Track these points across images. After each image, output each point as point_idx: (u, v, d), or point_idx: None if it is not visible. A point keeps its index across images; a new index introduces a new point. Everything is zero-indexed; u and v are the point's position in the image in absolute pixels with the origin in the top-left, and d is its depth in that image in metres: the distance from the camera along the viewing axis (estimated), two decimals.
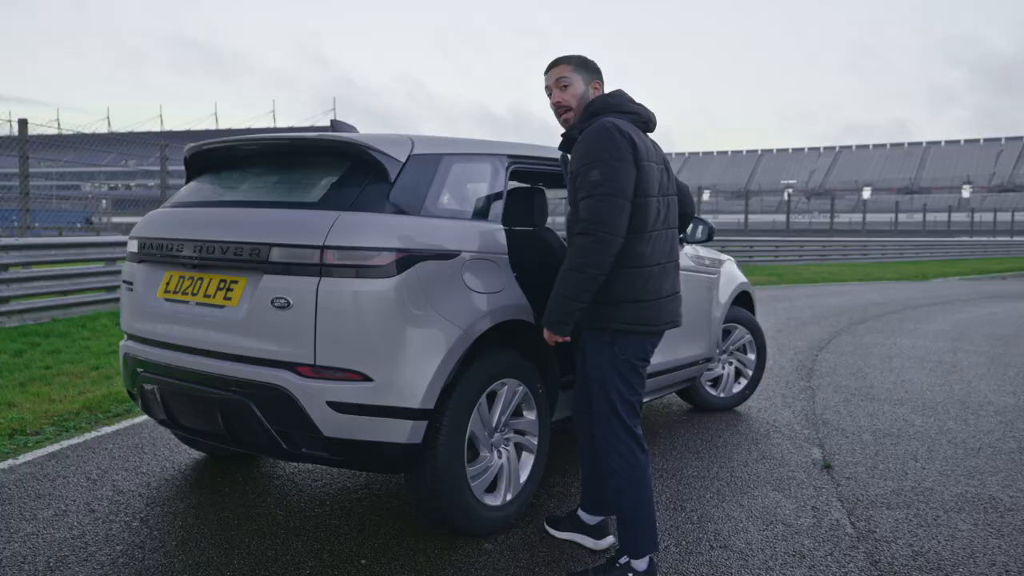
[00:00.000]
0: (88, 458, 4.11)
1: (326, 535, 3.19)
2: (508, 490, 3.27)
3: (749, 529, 3.31)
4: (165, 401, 3.22)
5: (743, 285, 5.39)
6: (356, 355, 2.79)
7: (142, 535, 3.17)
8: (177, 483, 3.77)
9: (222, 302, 2.99)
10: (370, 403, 2.81)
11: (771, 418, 5.13)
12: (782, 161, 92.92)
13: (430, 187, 3.13)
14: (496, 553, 3.05)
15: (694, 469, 4.08)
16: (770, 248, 23.53)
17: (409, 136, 3.21)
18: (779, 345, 8.04)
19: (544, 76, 2.91)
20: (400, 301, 2.83)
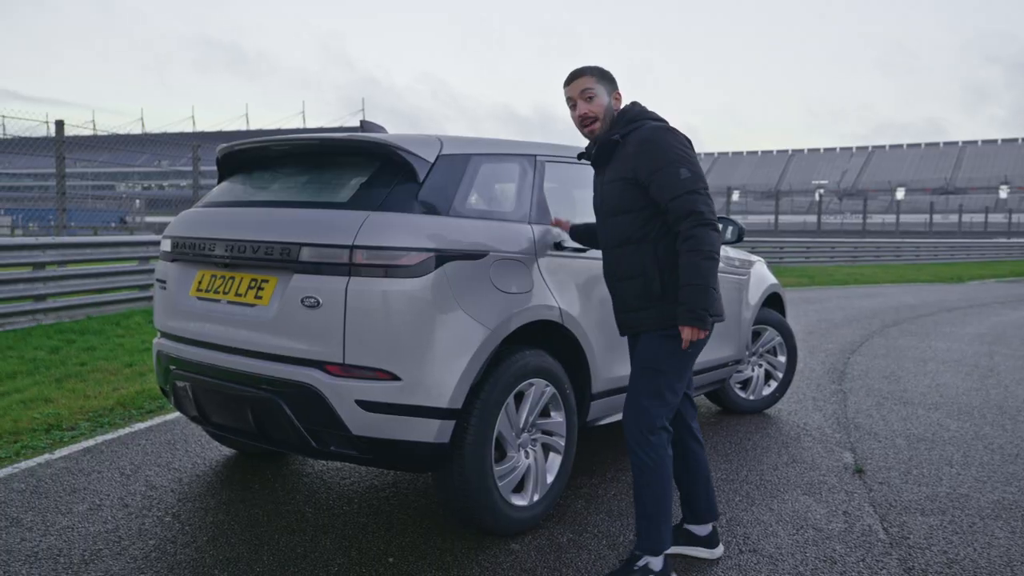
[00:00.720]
0: (122, 453, 4.18)
1: (354, 533, 3.21)
2: (535, 490, 3.27)
3: (779, 533, 3.28)
4: (197, 398, 3.26)
5: (773, 286, 5.33)
6: (385, 354, 2.81)
7: (174, 530, 3.22)
8: (208, 479, 3.82)
9: (253, 301, 3.02)
10: (398, 402, 2.82)
11: (802, 421, 5.07)
12: (813, 161, 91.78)
13: (458, 187, 3.13)
14: (523, 553, 3.05)
15: (723, 472, 4.04)
16: (801, 249, 23.26)
17: (438, 136, 3.22)
18: (810, 347, 7.94)
19: (565, 88, 2.90)
20: (428, 301, 2.84)
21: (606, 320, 3.61)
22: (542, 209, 3.46)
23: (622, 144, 2.80)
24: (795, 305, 11.60)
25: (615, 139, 2.80)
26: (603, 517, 3.40)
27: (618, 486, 3.78)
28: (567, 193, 3.87)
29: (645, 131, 2.76)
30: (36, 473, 3.85)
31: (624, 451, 4.33)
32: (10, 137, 11.87)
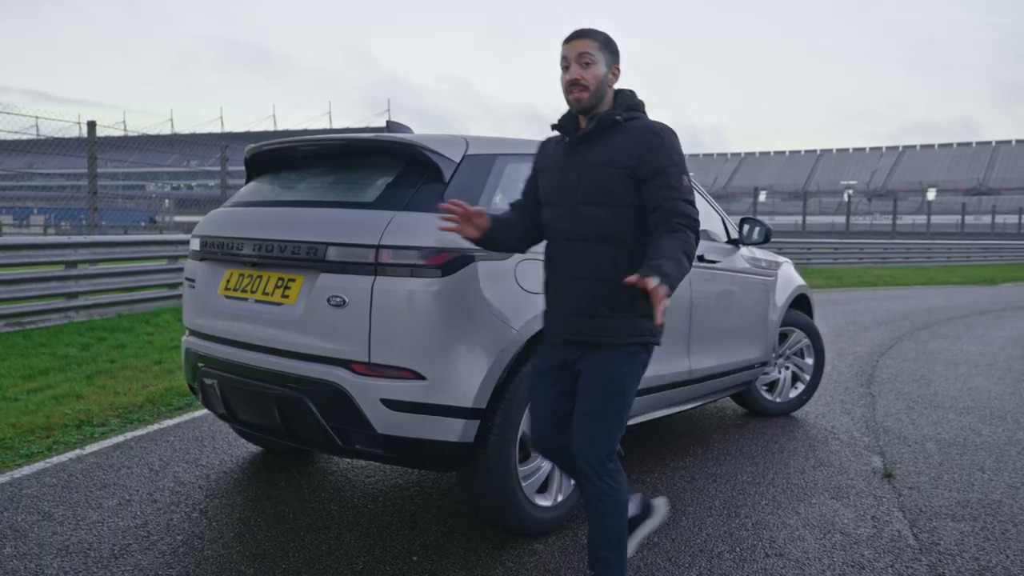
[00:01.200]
0: (151, 449, 4.24)
1: (379, 531, 3.23)
2: (559, 491, 3.26)
3: (806, 537, 3.24)
4: (224, 396, 3.30)
5: (801, 288, 5.27)
6: (410, 354, 2.82)
7: (201, 526, 3.25)
8: (235, 476, 3.86)
9: (280, 300, 3.05)
10: (423, 401, 2.83)
11: (829, 424, 5.01)
12: (842, 161, 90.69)
13: (484, 187, 3.14)
14: (547, 554, 3.04)
15: (749, 475, 4.00)
16: (829, 250, 22.99)
17: (463, 136, 3.23)
18: (838, 350, 7.84)
19: (563, 46, 2.53)
20: (454, 301, 2.84)
21: None
22: None
23: (622, 129, 2.50)
24: (823, 307, 11.47)
25: (617, 119, 2.49)
26: None
27: (642, 487, 3.76)
28: None
29: (655, 125, 2.50)
30: (67, 468, 3.92)
31: (649, 453, 4.31)
32: (44, 138, 12.10)
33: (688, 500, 3.62)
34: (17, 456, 4.10)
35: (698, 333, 4.13)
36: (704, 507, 3.55)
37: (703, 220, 4.50)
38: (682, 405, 4.19)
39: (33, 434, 4.45)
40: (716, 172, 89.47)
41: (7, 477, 3.78)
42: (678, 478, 3.92)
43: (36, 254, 7.93)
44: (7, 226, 30.95)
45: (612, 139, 2.50)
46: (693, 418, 5.13)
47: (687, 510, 3.50)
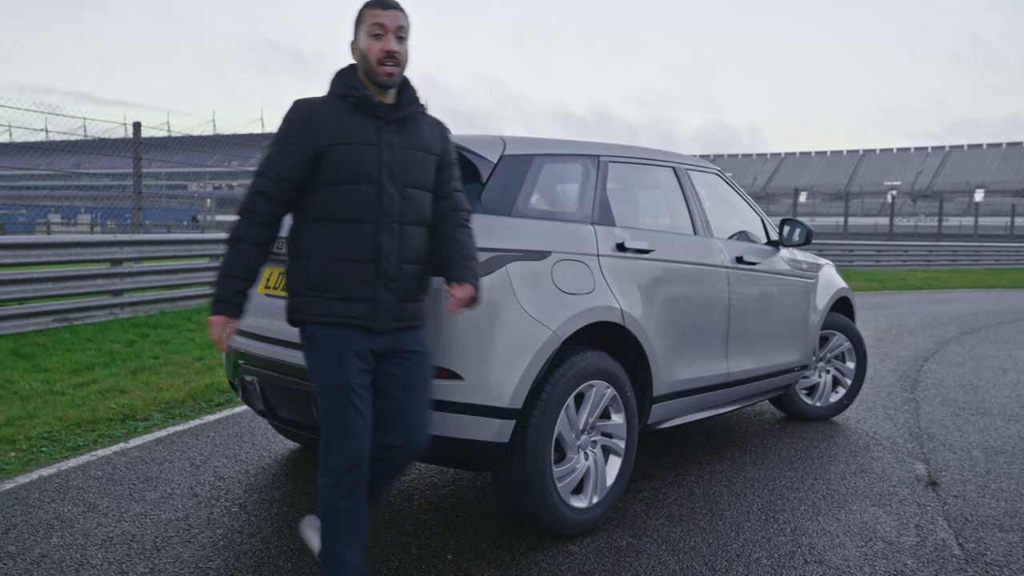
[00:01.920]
0: (192, 444, 4.32)
1: (414, 529, 3.24)
2: (594, 493, 3.24)
3: (846, 545, 3.18)
4: (264, 392, 3.34)
5: (842, 290, 5.18)
6: (446, 353, 2.83)
7: (241, 520, 3.30)
8: (273, 472, 3.92)
9: None
10: (459, 401, 2.83)
11: (871, 430, 4.91)
12: (885, 161, 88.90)
13: (521, 188, 3.14)
14: (581, 556, 3.03)
15: (788, 480, 3.94)
16: (871, 252, 22.55)
17: (501, 137, 3.23)
18: (880, 354, 7.69)
19: (376, 11, 2.43)
20: (490, 301, 2.85)
21: (669, 322, 3.57)
22: (605, 210, 3.44)
23: (422, 115, 2.53)
24: (865, 310, 11.25)
25: (423, 105, 2.51)
26: (663, 522, 3.36)
27: (679, 491, 3.73)
28: (631, 194, 3.84)
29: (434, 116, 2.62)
30: (112, 461, 4.01)
31: (685, 456, 4.27)
32: (91, 139, 12.42)
33: (725, 504, 3.58)
34: (64, 449, 4.21)
35: (736, 335, 4.08)
36: (741, 512, 3.50)
37: (742, 221, 4.48)
38: (719, 408, 4.14)
39: (79, 427, 4.57)
40: (755, 172, 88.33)
41: (54, 469, 3.88)
42: (715, 482, 3.88)
43: (83, 252, 8.13)
44: (55, 224, 31.81)
45: (417, 124, 2.51)
46: (731, 422, 5.07)
47: (724, 514, 3.46)
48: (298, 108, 2.43)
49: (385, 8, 2.43)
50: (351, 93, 2.42)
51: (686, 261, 3.75)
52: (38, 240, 7.84)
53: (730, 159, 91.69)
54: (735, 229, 4.40)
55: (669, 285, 3.63)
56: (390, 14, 2.43)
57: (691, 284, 3.78)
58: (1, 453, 4.09)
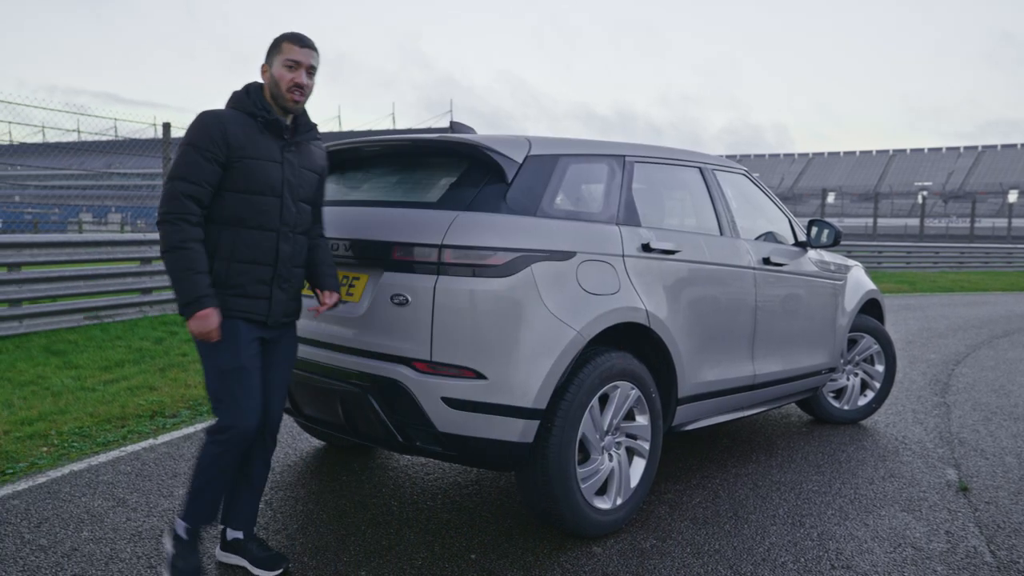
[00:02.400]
0: None
1: (437, 528, 3.25)
2: (618, 494, 3.23)
3: (875, 551, 3.13)
4: (290, 391, 3.37)
5: (871, 292, 5.11)
6: (471, 353, 2.83)
7: (266, 517, 3.33)
8: (299, 469, 3.95)
9: (344, 298, 3.10)
10: (483, 400, 2.84)
11: (900, 434, 4.84)
12: (916, 162, 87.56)
13: (547, 188, 3.13)
14: (605, 557, 3.02)
15: (815, 484, 3.89)
16: (901, 254, 22.22)
17: (527, 137, 3.23)
18: (910, 357, 7.57)
19: (293, 47, 2.69)
20: (515, 301, 2.85)
21: (694, 324, 3.55)
22: (630, 210, 3.42)
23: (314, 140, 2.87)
24: (894, 312, 11.09)
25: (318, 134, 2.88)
26: (687, 524, 3.34)
27: (703, 493, 3.70)
28: (656, 194, 3.82)
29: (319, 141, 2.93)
30: (141, 457, 4.07)
31: (710, 459, 4.24)
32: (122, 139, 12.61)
33: (751, 508, 3.55)
34: (94, 444, 4.28)
35: (763, 337, 4.05)
36: (767, 515, 3.47)
37: (769, 222, 4.44)
38: (745, 410, 4.11)
39: (109, 423, 4.64)
40: (782, 173, 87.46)
41: (85, 464, 3.94)
42: (740, 485, 3.84)
43: (113, 251, 8.25)
44: (87, 223, 32.34)
45: (309, 147, 2.84)
46: (756, 424, 5.02)
47: (749, 518, 3.43)
48: (212, 120, 2.62)
49: (303, 46, 2.73)
50: (263, 114, 2.68)
51: (712, 262, 3.72)
52: (70, 239, 7.98)
53: (757, 159, 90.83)
54: (762, 230, 4.36)
55: (695, 286, 3.60)
56: (306, 52, 2.73)
57: (717, 285, 3.76)
58: (33, 448, 4.17)
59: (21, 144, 13.49)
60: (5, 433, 4.37)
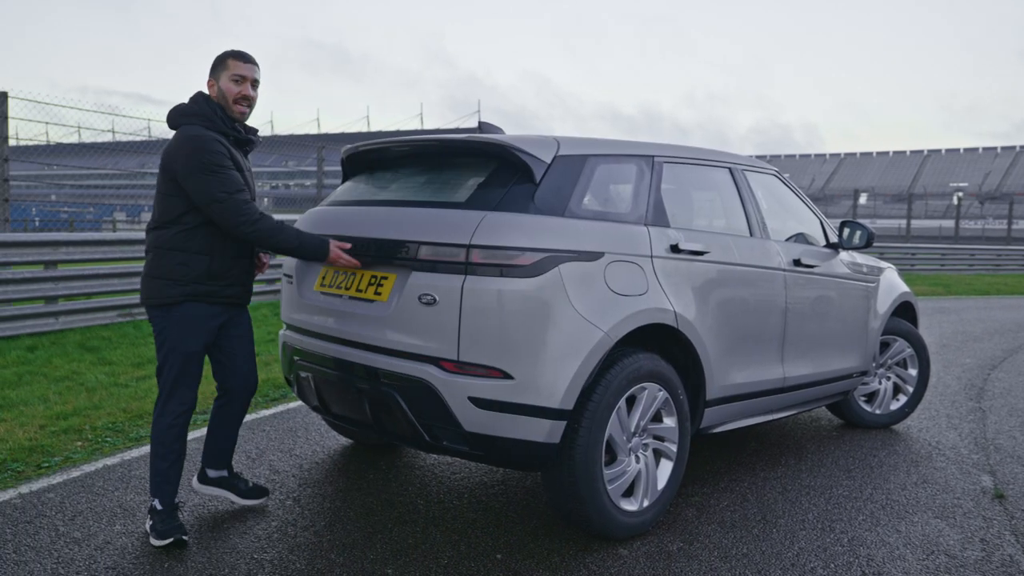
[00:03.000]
0: (248, 438, 4.42)
1: (463, 527, 3.26)
2: (645, 496, 3.21)
3: (907, 557, 3.08)
4: (318, 389, 3.40)
5: (905, 295, 5.03)
6: (498, 353, 2.83)
7: (294, 513, 3.36)
8: (326, 467, 3.98)
9: (372, 297, 3.12)
10: (510, 400, 2.84)
11: (934, 439, 4.75)
12: (951, 162, 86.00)
13: (575, 188, 3.12)
14: (631, 559, 3.00)
15: (845, 489, 3.84)
16: (935, 256, 21.84)
17: (555, 137, 3.22)
18: (944, 361, 7.44)
19: (238, 63, 3.08)
20: (542, 301, 2.84)
21: (724, 325, 3.52)
22: (659, 211, 3.40)
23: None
24: (928, 315, 10.91)
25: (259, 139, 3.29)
26: (715, 528, 3.31)
27: (732, 496, 3.67)
28: (685, 195, 3.79)
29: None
30: None
31: (739, 462, 4.20)
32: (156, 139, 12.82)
33: (779, 512, 3.51)
34: (127, 439, 4.35)
35: (793, 339, 4.00)
36: (796, 520, 3.42)
37: (800, 223, 4.39)
38: (774, 413, 4.06)
39: (142, 419, 4.71)
40: (813, 173, 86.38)
41: (118, 459, 4.01)
42: (769, 488, 3.80)
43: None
44: (120, 222, 32.89)
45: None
46: (786, 428, 4.97)
47: (778, 522, 3.39)
48: (213, 141, 3.00)
49: (246, 62, 3.11)
50: (232, 132, 3.10)
51: (742, 263, 3.69)
52: (104, 237, 8.13)
53: (787, 159, 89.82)
54: (793, 231, 4.31)
55: (724, 287, 3.57)
56: (249, 67, 3.11)
57: (747, 287, 3.72)
58: (68, 442, 4.25)
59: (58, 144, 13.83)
60: (41, 427, 4.47)
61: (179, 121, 3.06)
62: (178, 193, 2.99)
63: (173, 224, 3.03)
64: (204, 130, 3.00)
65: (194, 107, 3.05)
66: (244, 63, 3.08)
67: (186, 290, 3.03)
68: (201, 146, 2.93)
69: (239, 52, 3.11)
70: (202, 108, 3.04)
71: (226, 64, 3.08)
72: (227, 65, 3.08)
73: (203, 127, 3.01)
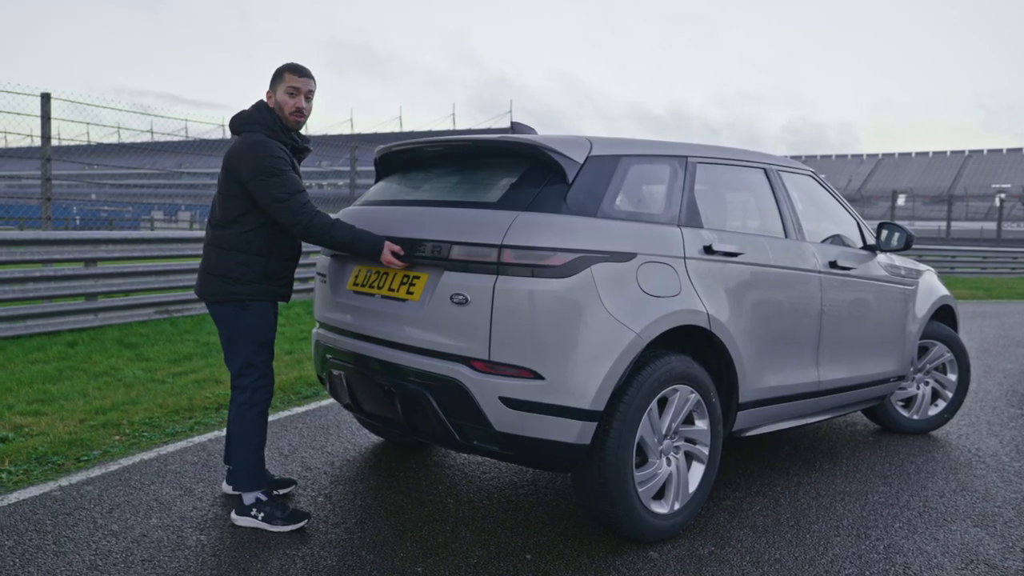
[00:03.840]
0: (281, 435, 4.47)
1: (493, 527, 3.26)
2: (676, 499, 3.19)
3: (945, 566, 3.02)
4: (350, 387, 3.42)
5: (944, 298, 4.92)
6: (529, 353, 2.83)
7: (326, 510, 3.39)
8: (358, 464, 4.01)
9: (405, 296, 3.13)
10: (541, 401, 2.83)
11: (974, 446, 4.65)
12: (993, 162, 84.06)
13: (607, 188, 3.11)
14: (662, 562, 2.98)
15: (881, 495, 3.77)
16: (976, 259, 21.38)
17: (587, 137, 3.21)
18: (985, 366, 7.27)
19: (295, 76, 3.22)
20: (574, 302, 2.83)
21: (757, 328, 3.48)
22: (692, 212, 3.37)
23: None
24: (969, 319, 10.68)
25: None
26: (747, 532, 3.27)
27: (764, 501, 3.62)
28: (719, 195, 3.76)
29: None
30: (207, 448, 4.19)
31: (772, 466, 4.15)
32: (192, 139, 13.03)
33: (813, 517, 3.46)
34: (163, 434, 4.42)
35: (828, 343, 3.94)
36: (831, 526, 3.37)
37: (836, 225, 4.32)
38: (809, 417, 4.00)
39: (177, 414, 4.79)
40: (850, 174, 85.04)
41: (154, 453, 4.08)
42: (803, 493, 3.75)
43: (183, 247, 8.52)
44: (158, 221, 33.49)
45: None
46: (820, 432, 4.89)
47: (812, 528, 3.34)
48: (275, 147, 3.14)
49: (301, 75, 3.25)
50: (290, 141, 3.26)
51: (776, 265, 3.64)
52: (143, 236, 8.28)
53: (823, 160, 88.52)
54: (829, 233, 4.25)
55: (758, 289, 3.53)
56: (304, 80, 3.26)
57: (781, 289, 3.67)
58: (106, 436, 4.33)
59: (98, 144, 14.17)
60: (80, 422, 4.56)
61: (241, 128, 3.20)
62: (240, 194, 3.14)
63: (234, 224, 3.18)
64: (266, 137, 3.15)
65: (256, 115, 3.21)
66: (299, 76, 3.24)
67: (247, 289, 3.20)
68: (265, 152, 3.09)
69: (295, 66, 3.25)
70: (264, 117, 3.20)
71: (283, 77, 3.23)
72: (283, 78, 3.23)
73: (265, 135, 3.16)
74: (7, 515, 3.25)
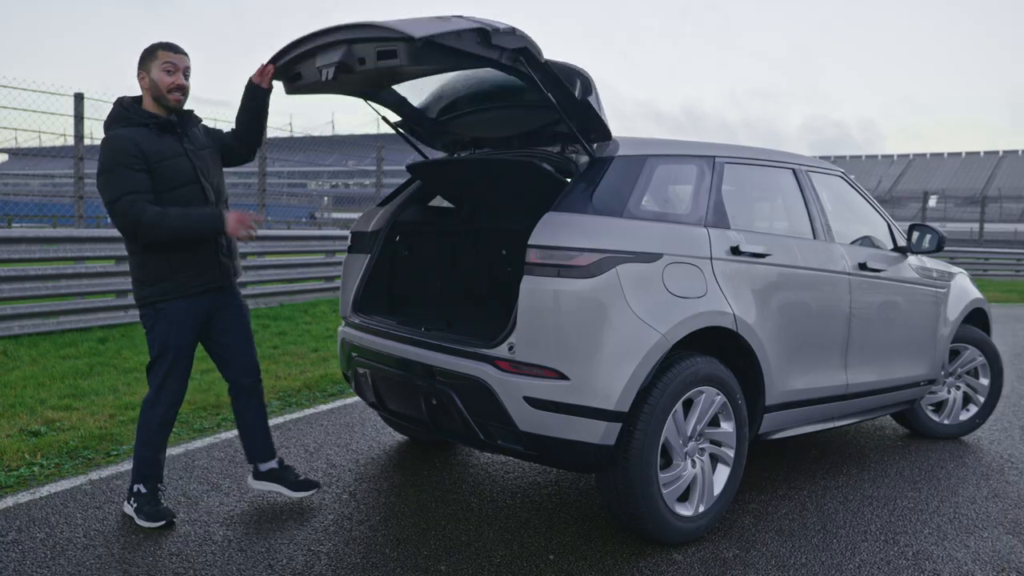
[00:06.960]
0: (307, 432, 4.50)
1: (516, 527, 3.26)
2: (701, 501, 3.16)
3: (976, 574, 2.96)
4: (375, 385, 3.44)
5: (977, 301, 4.84)
6: (553, 353, 2.82)
7: (350, 507, 3.42)
8: (382, 462, 4.03)
9: None
10: (565, 401, 2.83)
11: (1006, 452, 4.56)
12: None
13: (634, 188, 3.09)
14: (686, 565, 2.96)
15: (910, 500, 3.71)
16: (1010, 261, 20.96)
17: (614, 137, 3.20)
18: (1018, 371, 7.13)
19: (168, 53, 3.03)
20: (599, 302, 2.82)
21: (784, 329, 3.44)
22: (719, 212, 3.34)
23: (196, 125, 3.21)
24: (1002, 323, 10.47)
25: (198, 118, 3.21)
26: (772, 536, 3.24)
27: (790, 505, 3.58)
28: (747, 196, 3.72)
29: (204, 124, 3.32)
30: (233, 444, 4.23)
31: (798, 469, 4.10)
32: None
33: (840, 522, 3.41)
34: (191, 431, 4.48)
35: (857, 345, 3.89)
36: (858, 531, 3.33)
37: (866, 226, 4.26)
38: (836, 421, 3.96)
39: (205, 411, 4.85)
40: (879, 175, 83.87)
41: (182, 449, 4.13)
42: (830, 498, 3.70)
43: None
44: None
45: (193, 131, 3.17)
46: (848, 436, 4.83)
47: (839, 532, 3.30)
48: (120, 139, 2.94)
49: (176, 52, 3.06)
50: (152, 121, 3.02)
51: (805, 267, 3.60)
52: None
53: (852, 160, 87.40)
54: (859, 234, 4.19)
55: (786, 291, 3.49)
56: (180, 57, 3.07)
57: (809, 290, 3.63)
58: (136, 432, 4.38)
59: None
60: (111, 416, 4.63)
61: (107, 131, 3.02)
62: None
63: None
64: (121, 130, 2.97)
65: (115, 112, 3.04)
66: (175, 53, 3.05)
67: (153, 290, 3.06)
68: (105, 146, 2.94)
69: (168, 43, 3.08)
70: (116, 112, 3.03)
71: (155, 55, 3.03)
72: (157, 55, 3.03)
73: (122, 127, 2.99)
74: (39, 508, 3.31)
